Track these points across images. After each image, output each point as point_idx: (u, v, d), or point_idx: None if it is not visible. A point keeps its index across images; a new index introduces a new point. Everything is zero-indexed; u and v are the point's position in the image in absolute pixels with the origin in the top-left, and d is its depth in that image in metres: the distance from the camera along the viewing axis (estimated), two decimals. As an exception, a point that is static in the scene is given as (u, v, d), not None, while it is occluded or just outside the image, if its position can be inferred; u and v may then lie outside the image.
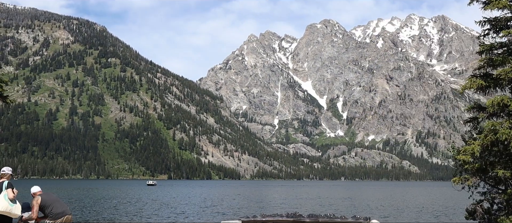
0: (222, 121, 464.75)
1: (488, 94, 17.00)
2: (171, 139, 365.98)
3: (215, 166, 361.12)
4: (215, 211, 62.73)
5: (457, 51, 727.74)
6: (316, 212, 49.95)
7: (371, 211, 66.28)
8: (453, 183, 17.07)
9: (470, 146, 15.73)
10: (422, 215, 60.36)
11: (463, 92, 17.75)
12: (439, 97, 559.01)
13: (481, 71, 17.52)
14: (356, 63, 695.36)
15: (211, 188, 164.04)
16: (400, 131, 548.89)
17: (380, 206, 76.89)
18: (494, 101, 15.43)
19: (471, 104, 17.68)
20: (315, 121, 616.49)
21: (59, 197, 16.68)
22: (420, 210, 67.75)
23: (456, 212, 65.92)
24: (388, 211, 64.00)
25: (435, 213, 62.71)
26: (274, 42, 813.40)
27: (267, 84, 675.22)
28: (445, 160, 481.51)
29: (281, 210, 63.47)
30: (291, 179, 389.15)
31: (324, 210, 62.69)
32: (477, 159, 16.19)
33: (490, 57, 16.72)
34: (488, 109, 16.11)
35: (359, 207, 73.51)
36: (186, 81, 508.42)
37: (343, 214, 19.70)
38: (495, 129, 15.09)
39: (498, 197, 16.08)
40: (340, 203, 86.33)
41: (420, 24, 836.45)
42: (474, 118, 17.50)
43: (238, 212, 61.85)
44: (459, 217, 58.40)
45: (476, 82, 16.61)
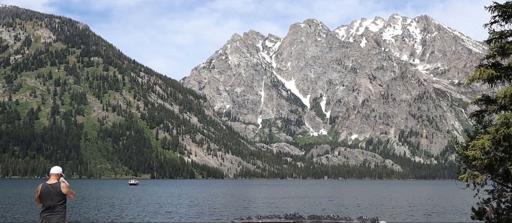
0: (206, 120, 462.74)
1: (494, 86, 16.01)
2: (154, 138, 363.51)
3: (199, 165, 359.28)
4: (200, 212, 61.61)
5: (439, 51, 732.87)
6: (317, 213, 48.91)
7: (373, 210, 65.60)
8: (460, 180, 16.02)
9: (480, 141, 14.75)
10: (421, 214, 59.77)
11: (468, 84, 16.69)
12: (422, 97, 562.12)
13: (490, 60, 16.51)
14: (340, 63, 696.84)
15: (195, 187, 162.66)
16: (383, 130, 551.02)
17: (379, 205, 76.31)
18: (506, 92, 14.42)
19: (478, 96, 16.65)
20: (299, 120, 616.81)
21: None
22: (418, 209, 67.17)
23: (455, 210, 65.63)
24: (390, 211, 63.22)
25: (438, 212, 62.09)
26: (258, 41, 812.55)
27: (251, 84, 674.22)
28: (427, 158, 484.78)
29: (272, 210, 62.39)
30: (275, 178, 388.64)
31: (321, 210, 61.61)
32: (487, 154, 15.24)
33: (501, 45, 15.65)
34: (499, 101, 15.10)
35: (356, 206, 72.80)
36: (169, 81, 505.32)
37: (348, 215, 18.74)
38: (508, 122, 14.13)
39: (511, 196, 15.09)
40: (331, 202, 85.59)
41: (403, 24, 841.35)
42: (481, 111, 16.52)
43: (226, 211, 60.79)
44: (458, 215, 57.95)
45: (486, 72, 15.54)
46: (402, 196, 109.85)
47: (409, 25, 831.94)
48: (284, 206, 70.70)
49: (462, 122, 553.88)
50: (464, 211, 62.59)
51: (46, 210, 14.70)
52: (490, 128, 15.21)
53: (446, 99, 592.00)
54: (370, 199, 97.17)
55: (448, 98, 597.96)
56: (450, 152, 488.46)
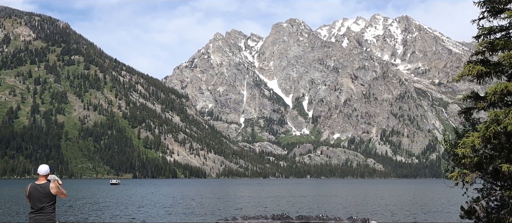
0: (188, 119, 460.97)
1: (483, 83, 15.86)
2: (136, 137, 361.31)
3: (181, 165, 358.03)
4: (183, 212, 61.16)
5: (420, 51, 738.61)
6: (305, 213, 48.64)
7: (361, 209, 65.61)
8: (450, 179, 15.83)
9: (470, 138, 14.59)
10: (410, 213, 59.89)
11: (457, 81, 16.53)
12: (403, 96, 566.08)
13: (478, 57, 16.35)
14: (322, 62, 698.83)
15: (177, 187, 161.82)
16: (365, 129, 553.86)
17: (368, 204, 76.41)
18: (496, 89, 14.27)
19: (466, 93, 16.47)
20: (281, 120, 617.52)
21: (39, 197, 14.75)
22: (407, 209, 67.30)
23: (443, 209, 65.92)
24: (380, 210, 63.20)
25: (429, 211, 62.26)
26: (240, 40, 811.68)
27: (233, 83, 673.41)
28: (408, 158, 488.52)
29: (257, 209, 62.09)
30: (257, 177, 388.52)
31: (308, 210, 61.34)
32: (476, 152, 15.08)
33: (490, 41, 15.49)
34: (488, 98, 14.96)
35: (344, 206, 72.80)
36: (151, 80, 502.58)
37: (338, 216, 18.54)
38: (499, 119, 14.00)
39: (500, 194, 14.94)
40: (318, 201, 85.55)
41: (385, 24, 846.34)
42: (469, 108, 16.35)
43: (209, 212, 60.40)
44: (445, 214, 58.17)
45: (475, 68, 15.32)
46: (388, 195, 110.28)
47: (390, 26, 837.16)
48: (269, 206, 70.49)
49: (442, 121, 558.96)
50: (450, 210, 62.84)
51: (34, 211, 14.19)
52: (479, 125, 15.03)
53: (427, 99, 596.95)
54: (356, 198, 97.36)
55: (428, 98, 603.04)
56: (431, 151, 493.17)
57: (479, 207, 15.29)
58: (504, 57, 14.59)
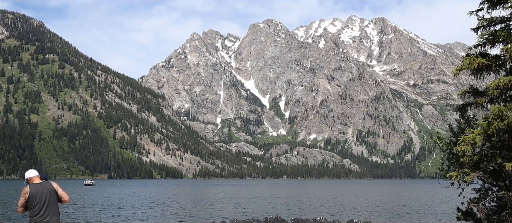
0: (164, 119, 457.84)
1: (481, 78, 15.26)
2: (112, 137, 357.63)
3: (157, 165, 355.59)
4: (162, 213, 60.16)
5: (395, 52, 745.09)
6: (302, 216, 47.57)
7: (351, 210, 65.15)
8: (449, 178, 15.17)
9: (470, 135, 13.95)
10: (405, 214, 59.65)
11: (455, 74, 15.92)
12: (379, 97, 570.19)
13: (478, 50, 15.70)
14: (298, 63, 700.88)
15: (154, 188, 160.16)
16: (341, 130, 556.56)
17: (357, 205, 76.05)
18: (499, 83, 13.64)
19: (464, 88, 15.84)
20: (258, 120, 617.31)
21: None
22: (398, 209, 67.07)
23: (436, 210, 65.89)
24: (374, 211, 62.70)
25: (424, 212, 62.03)
26: (217, 41, 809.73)
27: (210, 83, 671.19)
28: (384, 158, 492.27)
29: (241, 211, 61.06)
30: (234, 177, 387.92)
31: (295, 212, 60.21)
32: (476, 150, 14.46)
33: (492, 33, 14.83)
34: (489, 92, 14.33)
35: (332, 207, 72.28)
36: (127, 79, 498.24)
37: (337, 219, 17.85)
38: (503, 114, 13.38)
39: (501, 195, 14.29)
40: (302, 202, 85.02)
41: (361, 26, 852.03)
42: (467, 104, 15.73)
43: (190, 212, 59.43)
44: (439, 216, 58.00)
45: (476, 61, 14.63)
46: (377, 196, 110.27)
47: (366, 27, 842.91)
48: (252, 207, 69.65)
49: (417, 122, 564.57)
50: (442, 211, 62.71)
51: (40, 212, 12.73)
52: (480, 121, 14.41)
53: (402, 100, 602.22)
54: (341, 199, 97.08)
55: (404, 99, 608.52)
56: (406, 151, 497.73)
57: (478, 209, 14.61)
58: (507, 49, 13.92)
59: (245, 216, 50.74)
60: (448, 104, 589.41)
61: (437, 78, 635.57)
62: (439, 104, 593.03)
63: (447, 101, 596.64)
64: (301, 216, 49.89)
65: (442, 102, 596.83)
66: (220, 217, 50.87)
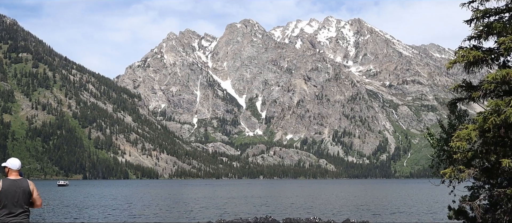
0: (140, 119, 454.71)
1: (471, 72, 14.91)
2: (87, 137, 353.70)
3: (133, 165, 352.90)
4: (138, 214, 59.30)
5: (371, 53, 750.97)
6: (293, 215, 46.99)
7: (341, 209, 64.89)
8: (441, 176, 14.76)
9: (464, 131, 13.55)
10: (403, 213, 59.53)
11: (448, 68, 15.55)
12: (355, 98, 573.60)
13: (471, 43, 15.31)
14: (275, 63, 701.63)
15: (129, 188, 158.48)
16: (317, 130, 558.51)
17: (346, 204, 75.87)
18: (496, 76, 13.26)
19: (458, 82, 15.44)
20: (234, 120, 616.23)
21: None
22: (391, 209, 66.95)
23: (424, 209, 65.98)
24: (367, 211, 62.44)
25: (415, 211, 61.96)
26: (194, 40, 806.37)
27: (186, 83, 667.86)
28: (360, 158, 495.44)
29: (224, 212, 60.37)
30: (210, 178, 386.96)
31: (283, 212, 59.62)
32: (469, 147, 14.05)
33: (487, 24, 14.44)
34: (484, 86, 13.95)
35: (318, 206, 72.01)
36: (102, 79, 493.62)
37: (332, 219, 17.40)
38: (499, 109, 13.00)
39: (497, 192, 13.91)
40: (284, 202, 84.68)
41: (337, 27, 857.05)
42: (459, 99, 15.35)
43: (170, 213, 58.63)
44: (429, 215, 58.01)
45: (471, 54, 14.23)
46: (358, 195, 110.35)
47: (343, 28, 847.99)
48: (237, 208, 69.05)
49: (392, 123, 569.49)
50: (432, 210, 62.75)
51: (9, 213, 11.22)
52: (476, 116, 14.04)
53: (377, 100, 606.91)
54: (325, 198, 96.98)
55: (379, 99, 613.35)
56: (382, 151, 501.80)
57: (473, 207, 14.20)
58: (503, 41, 13.55)
59: (230, 216, 50.09)
60: (423, 105, 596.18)
61: (412, 79, 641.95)
62: (414, 105, 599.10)
63: (422, 102, 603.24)
64: (291, 215, 49.47)
65: (417, 103, 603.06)
66: (206, 217, 50.21)
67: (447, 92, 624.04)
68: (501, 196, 13.64)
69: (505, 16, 14.48)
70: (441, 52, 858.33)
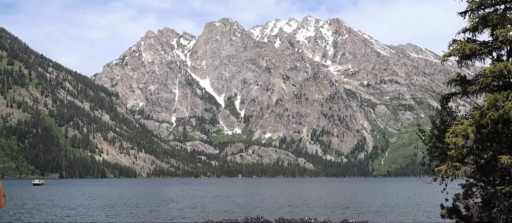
0: (118, 118, 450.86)
1: (464, 66, 14.42)
2: (63, 136, 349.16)
3: (110, 164, 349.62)
4: (116, 214, 58.27)
5: (350, 53, 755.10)
6: (285, 216, 46.22)
7: (335, 209, 64.43)
8: (437, 173, 14.22)
9: (459, 126, 13.03)
10: (394, 212, 59.21)
11: (443, 60, 15.05)
12: (333, 97, 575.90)
13: (465, 35, 14.76)
14: (254, 62, 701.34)
15: (106, 187, 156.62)
16: (296, 129, 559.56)
17: (338, 204, 75.47)
18: (494, 69, 12.77)
19: (452, 76, 14.92)
20: (213, 119, 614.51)
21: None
22: (381, 208, 66.63)
23: (415, 208, 65.86)
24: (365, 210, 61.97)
25: (406, 211, 61.70)
26: (172, 39, 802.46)
27: (165, 82, 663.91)
28: (338, 157, 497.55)
29: (208, 212, 59.51)
30: (189, 176, 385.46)
31: (269, 212, 58.70)
32: (466, 142, 13.53)
33: (483, 16, 13.91)
34: (480, 80, 13.44)
35: (306, 205, 71.48)
36: (80, 77, 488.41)
37: (328, 219, 16.85)
38: (497, 103, 12.49)
39: (493, 190, 13.39)
40: (268, 200, 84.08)
41: (316, 26, 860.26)
42: (453, 94, 14.84)
43: (150, 214, 57.68)
44: (421, 213, 57.80)
45: (468, 46, 13.73)
46: (343, 194, 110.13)
47: (321, 27, 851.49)
48: (217, 207, 68.27)
49: (370, 122, 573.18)
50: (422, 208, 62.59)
51: None
52: (472, 111, 13.55)
53: (356, 99, 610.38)
54: (314, 196, 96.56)
55: (357, 98, 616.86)
56: (359, 150, 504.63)
57: (470, 206, 13.69)
58: (500, 33, 13.05)
59: (218, 216, 49.27)
60: (400, 104, 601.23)
61: (390, 79, 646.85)
62: (391, 104, 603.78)
63: (400, 101, 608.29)
64: (282, 215, 48.86)
65: (394, 102, 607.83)
66: (192, 218, 49.41)
67: (424, 92, 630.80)
68: (497, 194, 13.19)
69: (501, 8, 14.02)
70: (418, 53, 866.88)
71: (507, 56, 13.78)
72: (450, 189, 15.18)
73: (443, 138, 14.52)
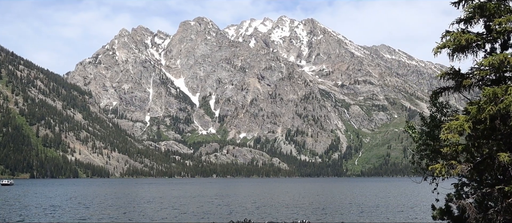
0: (91, 117, 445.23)
1: (457, 58, 13.71)
2: (35, 135, 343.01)
3: (83, 164, 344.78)
4: (90, 215, 56.89)
5: (324, 53, 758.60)
6: (277, 219, 45.12)
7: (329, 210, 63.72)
8: (431, 172, 13.37)
9: (454, 122, 12.28)
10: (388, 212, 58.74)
11: (436, 52, 14.32)
12: (308, 97, 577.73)
13: (460, 26, 13.99)
14: (229, 62, 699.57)
15: (78, 187, 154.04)
16: (271, 129, 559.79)
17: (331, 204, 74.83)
18: (493, 61, 12.05)
19: (445, 70, 14.19)
20: (187, 118, 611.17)
21: None
22: (373, 208, 66.16)
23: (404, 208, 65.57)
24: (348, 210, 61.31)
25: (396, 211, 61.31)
26: (147, 37, 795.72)
27: (139, 81, 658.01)
28: (312, 157, 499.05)
29: (175, 212, 58.36)
30: (163, 176, 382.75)
31: (252, 214, 57.55)
32: (453, 141, 12.78)
33: (479, 5, 13.09)
34: (475, 73, 12.70)
35: (291, 207, 70.73)
36: (52, 75, 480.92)
37: (322, 220, 15.99)
38: (496, 97, 11.71)
39: (489, 190, 12.63)
40: (245, 200, 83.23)
41: (291, 26, 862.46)
42: (445, 88, 14.14)
43: (140, 216, 56.31)
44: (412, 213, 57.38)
45: (464, 37, 12.98)
46: (330, 194, 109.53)
47: (296, 28, 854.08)
48: (197, 208, 67.14)
49: (344, 122, 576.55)
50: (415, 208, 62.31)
51: None
52: (467, 106, 12.85)
53: (330, 100, 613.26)
54: (297, 197, 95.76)
55: (332, 99, 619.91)
56: (333, 150, 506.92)
57: (465, 206, 12.97)
58: (499, 23, 12.33)
59: (200, 218, 48.08)
60: (374, 105, 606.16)
61: (364, 79, 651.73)
62: (365, 105, 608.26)
63: (373, 101, 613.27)
64: (275, 219, 47.91)
65: (368, 103, 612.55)
66: (175, 219, 48.23)
67: (397, 93, 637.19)
68: (494, 194, 12.52)
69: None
70: (392, 54, 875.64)
71: (501, 49, 13.18)
72: (439, 188, 14.52)
73: (434, 134, 13.86)
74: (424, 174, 14.21)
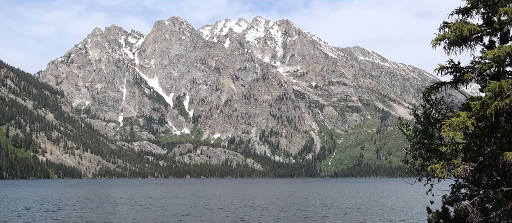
0: (63, 117, 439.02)
1: (453, 52, 12.91)
2: (4, 135, 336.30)
3: (54, 165, 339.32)
4: (59, 218, 55.34)
5: (299, 54, 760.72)
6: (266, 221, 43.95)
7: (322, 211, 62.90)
8: (435, 172, 12.50)
9: (455, 119, 11.44)
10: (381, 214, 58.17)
11: (434, 44, 13.54)
12: (282, 98, 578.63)
13: (459, 17, 13.12)
14: (203, 62, 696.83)
15: (47, 188, 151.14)
16: (245, 129, 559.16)
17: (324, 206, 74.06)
18: (498, 53, 11.05)
19: (443, 64, 13.35)
20: (161, 119, 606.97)
21: None
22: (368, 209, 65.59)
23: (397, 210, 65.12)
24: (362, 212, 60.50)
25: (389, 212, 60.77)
26: (120, 37, 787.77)
27: (112, 80, 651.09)
28: (286, 158, 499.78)
29: (156, 213, 57.11)
30: (136, 177, 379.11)
31: (249, 215, 56.43)
32: (454, 140, 11.95)
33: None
34: (477, 67, 11.85)
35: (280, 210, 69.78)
36: (22, 74, 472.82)
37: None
38: (503, 92, 10.69)
39: (492, 192, 11.84)
40: (226, 200, 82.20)
41: (266, 27, 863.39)
42: (442, 83, 13.36)
43: (109, 216, 54.92)
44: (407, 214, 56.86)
45: (466, 27, 12.11)
46: (334, 196, 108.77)
47: (271, 28, 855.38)
48: (176, 210, 65.87)
49: (318, 123, 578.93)
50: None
51: None
52: (469, 101, 12.07)
53: (304, 101, 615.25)
54: (281, 199, 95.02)
55: (306, 100, 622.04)
56: (307, 151, 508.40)
57: (466, 208, 12.15)
58: (505, 11, 11.35)
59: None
60: (347, 106, 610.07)
61: (338, 81, 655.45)
62: (339, 106, 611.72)
63: (347, 103, 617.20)
64: (258, 220, 46.78)
65: (342, 104, 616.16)
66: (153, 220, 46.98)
67: (371, 94, 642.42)
68: (498, 196, 11.75)
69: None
70: (366, 55, 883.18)
71: (500, 42, 12.47)
72: (433, 190, 13.79)
73: (431, 133, 13.11)
74: (418, 175, 13.44)
